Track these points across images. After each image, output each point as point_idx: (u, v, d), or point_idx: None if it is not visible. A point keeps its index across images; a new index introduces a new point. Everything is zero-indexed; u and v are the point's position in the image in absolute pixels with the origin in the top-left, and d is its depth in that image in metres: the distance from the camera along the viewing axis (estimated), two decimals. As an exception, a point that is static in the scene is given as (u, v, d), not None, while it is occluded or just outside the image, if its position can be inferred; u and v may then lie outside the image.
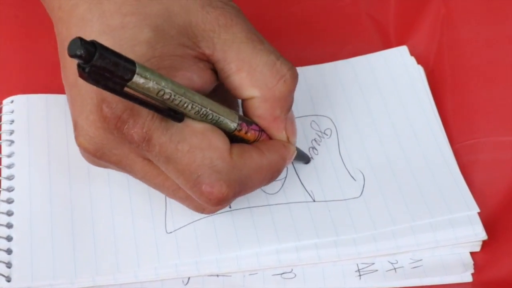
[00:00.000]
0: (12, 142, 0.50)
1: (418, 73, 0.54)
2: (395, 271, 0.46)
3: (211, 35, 0.40)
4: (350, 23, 0.59)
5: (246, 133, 0.42)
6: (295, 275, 0.46)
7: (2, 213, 0.47)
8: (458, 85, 0.55)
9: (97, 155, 0.40)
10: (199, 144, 0.39)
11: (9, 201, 0.48)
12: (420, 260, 0.47)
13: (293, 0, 0.60)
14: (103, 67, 0.32)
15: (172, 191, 0.42)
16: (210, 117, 0.39)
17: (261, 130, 0.43)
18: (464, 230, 0.46)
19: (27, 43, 0.56)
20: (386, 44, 0.58)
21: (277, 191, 0.49)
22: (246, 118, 0.43)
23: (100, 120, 0.38)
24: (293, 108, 0.52)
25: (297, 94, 0.53)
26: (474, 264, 0.47)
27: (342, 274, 0.46)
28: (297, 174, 0.50)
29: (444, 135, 0.51)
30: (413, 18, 0.58)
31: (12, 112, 0.51)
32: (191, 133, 0.39)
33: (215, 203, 0.40)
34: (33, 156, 0.49)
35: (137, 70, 0.34)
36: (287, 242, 0.46)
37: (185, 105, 0.37)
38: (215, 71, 0.42)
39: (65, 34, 0.41)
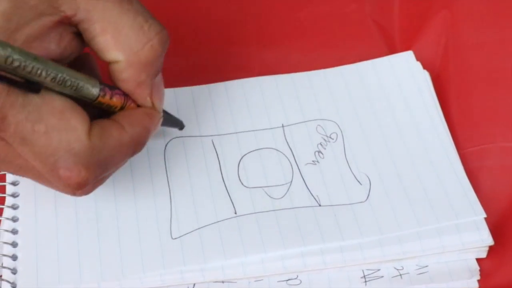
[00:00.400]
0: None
1: (424, 78, 0.54)
2: (401, 277, 0.46)
3: None
4: (356, 28, 0.59)
5: (111, 98, 0.40)
6: (301, 281, 0.46)
7: (8, 219, 0.47)
8: (464, 89, 0.54)
9: None
10: (56, 124, 0.36)
11: (14, 207, 0.48)
12: (426, 266, 0.47)
13: (299, 6, 0.60)
14: None
15: (37, 172, 0.39)
16: (69, 83, 0.37)
17: (126, 94, 0.41)
18: (470, 236, 0.46)
19: None
20: (391, 48, 0.58)
21: (283, 196, 0.49)
22: (108, 85, 0.40)
23: None
24: (299, 112, 0.53)
25: (302, 99, 0.53)
26: (480, 270, 0.47)
27: (348, 280, 0.46)
28: (302, 179, 0.49)
29: (450, 140, 0.51)
30: (417, 22, 0.58)
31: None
32: (49, 112, 0.36)
33: (74, 187, 0.38)
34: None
35: None
36: (292, 248, 0.46)
37: (39, 71, 0.35)
38: (79, 35, 0.39)
39: None
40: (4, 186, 0.49)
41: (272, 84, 0.54)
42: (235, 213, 0.48)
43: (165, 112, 0.46)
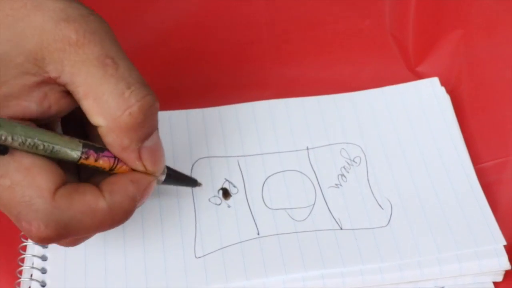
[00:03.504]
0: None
1: (447, 104, 0.55)
2: (418, 299, 0.47)
3: (61, 55, 0.37)
4: (372, 43, 0.60)
5: (96, 160, 0.39)
6: (321, 302, 0.47)
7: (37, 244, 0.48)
8: (479, 103, 0.55)
9: None
10: (21, 181, 0.37)
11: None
12: (443, 287, 0.47)
13: (315, 23, 0.61)
14: None
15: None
16: (41, 147, 0.37)
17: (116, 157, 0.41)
18: (489, 262, 0.47)
19: None
20: (407, 63, 0.59)
21: (305, 218, 0.49)
22: (97, 145, 0.40)
23: None
24: (324, 135, 0.53)
25: (328, 122, 0.54)
26: (498, 293, 0.47)
27: (366, 302, 0.47)
28: (325, 201, 0.50)
29: (472, 168, 0.51)
30: (432, 38, 0.59)
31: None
32: (15, 169, 0.37)
33: (37, 240, 0.38)
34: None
35: None
36: (313, 270, 0.47)
37: (3, 137, 0.35)
38: (70, 94, 0.39)
39: None
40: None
41: (298, 106, 0.55)
42: (258, 234, 0.49)
43: (174, 171, 0.46)
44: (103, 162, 0.40)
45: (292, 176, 0.52)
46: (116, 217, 0.40)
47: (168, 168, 0.44)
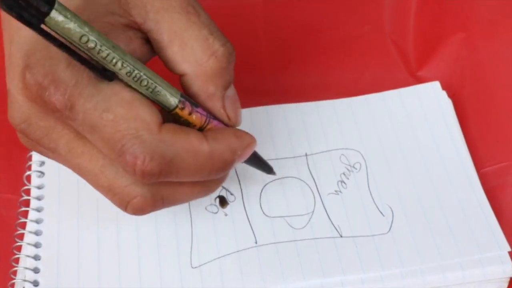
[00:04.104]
0: (42, 173, 0.51)
1: (450, 108, 0.54)
2: (421, 307, 0.46)
3: (144, 1, 0.39)
4: (371, 48, 0.59)
5: (190, 114, 0.39)
6: (319, 311, 0.46)
7: (30, 244, 0.47)
8: (481, 107, 0.54)
9: (22, 127, 0.38)
10: (124, 114, 0.36)
11: (38, 233, 0.48)
12: None
13: (316, 29, 0.60)
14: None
15: (94, 177, 0.39)
16: (145, 83, 0.37)
17: (210, 116, 0.41)
18: (493, 269, 0.46)
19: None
20: (408, 68, 0.58)
21: (304, 226, 0.48)
22: (192, 101, 0.40)
23: (24, 88, 0.36)
24: (323, 141, 0.53)
25: (327, 128, 0.53)
26: (502, 302, 0.46)
27: (367, 310, 0.46)
28: (324, 209, 0.49)
29: (476, 174, 0.50)
30: (432, 42, 0.58)
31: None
32: (117, 103, 0.36)
33: (140, 175, 0.37)
34: (63, 188, 0.50)
35: (56, 5, 0.32)
36: (312, 279, 0.46)
37: (114, 60, 0.35)
38: (149, 42, 0.40)
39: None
40: (29, 200, 0.50)
41: (296, 112, 0.54)
42: (256, 242, 0.48)
43: (254, 152, 0.45)
44: (196, 118, 0.40)
45: (291, 183, 0.51)
46: (216, 165, 0.40)
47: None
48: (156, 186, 0.39)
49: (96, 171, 0.39)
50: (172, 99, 0.38)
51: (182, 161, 0.38)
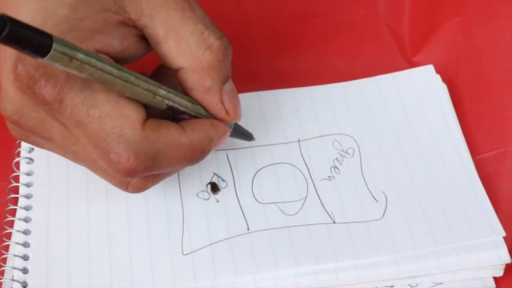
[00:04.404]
0: (31, 160, 0.50)
1: (444, 92, 0.53)
2: (415, 294, 0.45)
3: None
4: (367, 33, 0.59)
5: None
6: (313, 297, 0.45)
7: (19, 231, 0.47)
8: (477, 93, 0.54)
9: (15, 118, 0.39)
10: (110, 111, 0.37)
11: (27, 220, 0.48)
12: (441, 283, 0.46)
13: (310, 14, 0.60)
14: (16, 40, 0.31)
15: (93, 161, 0.41)
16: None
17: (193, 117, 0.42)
18: (488, 255, 0.45)
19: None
20: (403, 54, 0.58)
21: (297, 212, 0.48)
22: (175, 107, 0.41)
23: (15, 79, 0.37)
24: (316, 126, 0.52)
25: (319, 113, 0.53)
26: (497, 288, 0.46)
27: (361, 297, 0.46)
28: (317, 195, 0.49)
29: (470, 158, 0.50)
30: (428, 27, 0.58)
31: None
32: (104, 100, 0.37)
33: (123, 173, 0.38)
34: (52, 174, 0.50)
35: (54, 45, 0.33)
36: (305, 266, 0.45)
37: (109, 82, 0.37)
38: (145, 38, 0.41)
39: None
40: (18, 187, 0.49)
41: (289, 97, 0.54)
42: (248, 229, 0.47)
43: (237, 125, 0.47)
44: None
45: (283, 169, 0.50)
46: (195, 154, 0.41)
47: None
48: None
49: (93, 157, 0.40)
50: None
51: (165, 156, 0.40)
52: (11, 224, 0.47)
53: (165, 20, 0.39)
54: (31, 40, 0.32)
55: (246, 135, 0.49)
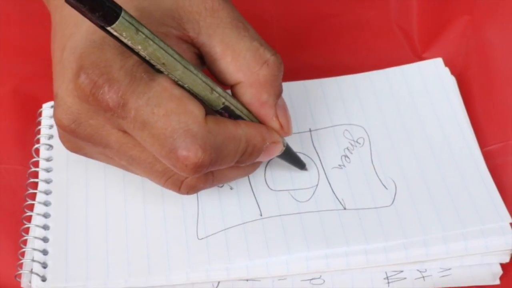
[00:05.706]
0: (51, 146, 0.51)
1: (452, 84, 0.54)
2: (424, 279, 0.46)
3: (197, 17, 0.41)
4: (377, 33, 0.60)
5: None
6: (324, 281, 0.46)
7: (39, 215, 0.48)
8: (486, 87, 0.55)
9: (72, 128, 0.40)
10: (175, 108, 0.38)
11: (47, 204, 0.49)
12: (449, 269, 0.47)
13: (322, 15, 0.61)
14: (88, 1, 0.32)
15: (149, 164, 0.42)
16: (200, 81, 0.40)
17: None
18: (495, 240, 0.46)
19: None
20: (413, 51, 0.59)
21: (308, 199, 0.49)
22: (231, 108, 0.42)
23: (76, 88, 0.38)
24: (327, 117, 0.53)
25: (330, 104, 0.54)
26: (504, 274, 0.46)
27: (371, 281, 0.46)
28: (328, 182, 0.50)
29: (477, 147, 0.51)
30: (437, 25, 0.59)
31: (52, 117, 0.52)
32: (167, 98, 0.38)
33: (191, 169, 0.39)
34: (71, 161, 0.51)
35: (123, 13, 0.34)
36: (316, 250, 0.46)
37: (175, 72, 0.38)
38: (200, 56, 0.42)
39: (58, 18, 0.42)
40: (38, 172, 0.50)
41: (301, 89, 0.55)
42: (261, 215, 0.48)
43: (290, 148, 0.48)
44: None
45: (295, 157, 0.51)
46: (249, 149, 0.43)
47: (287, 144, 0.47)
48: None
49: (150, 160, 0.41)
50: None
51: (227, 149, 0.41)
52: (31, 207, 0.49)
53: (222, 38, 0.41)
54: (103, 3, 0.33)
55: (298, 162, 0.50)
